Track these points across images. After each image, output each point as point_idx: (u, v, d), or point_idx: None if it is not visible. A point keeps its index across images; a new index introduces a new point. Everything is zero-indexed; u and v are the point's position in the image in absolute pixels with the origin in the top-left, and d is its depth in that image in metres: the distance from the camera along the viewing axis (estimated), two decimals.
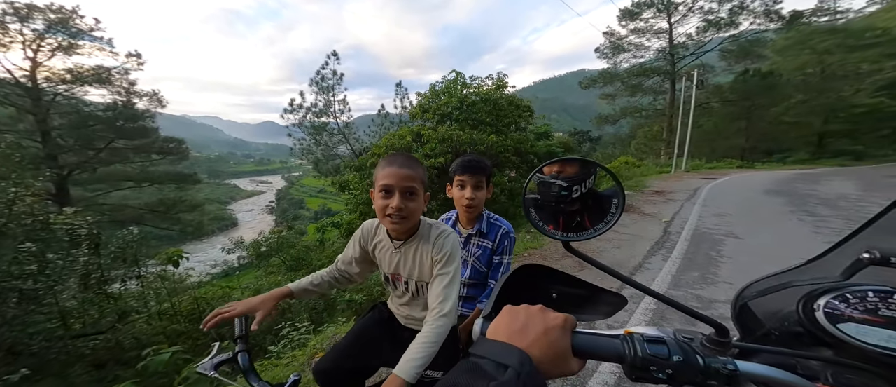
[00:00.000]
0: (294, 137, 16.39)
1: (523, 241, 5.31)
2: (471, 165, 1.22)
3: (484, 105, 9.41)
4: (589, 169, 0.47)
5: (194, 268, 6.32)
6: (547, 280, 0.53)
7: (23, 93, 12.72)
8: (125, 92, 14.85)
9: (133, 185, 15.78)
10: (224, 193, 72.03)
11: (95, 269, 4.34)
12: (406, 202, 0.83)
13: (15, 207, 3.78)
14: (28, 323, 3.32)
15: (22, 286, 3.30)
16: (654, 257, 3.87)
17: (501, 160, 8.74)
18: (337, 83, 16.54)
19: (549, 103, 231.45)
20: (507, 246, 1.25)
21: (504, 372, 0.29)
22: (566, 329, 0.37)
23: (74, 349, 3.59)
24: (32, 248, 3.66)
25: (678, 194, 8.33)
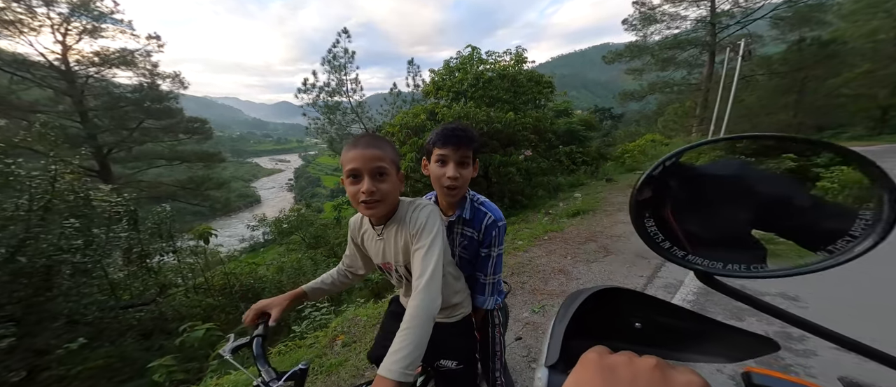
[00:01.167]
0: (308, 117, 16.49)
1: (542, 223, 5.11)
2: (455, 136, 0.95)
3: (501, 82, 8.95)
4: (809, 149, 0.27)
5: (223, 243, 6.73)
6: (627, 305, 0.39)
7: (58, 75, 13.49)
8: (149, 74, 15.47)
9: (165, 163, 16.78)
10: (247, 172, 75.39)
11: (136, 243, 4.70)
12: (377, 185, 0.77)
13: (57, 183, 4.03)
14: (82, 294, 3.69)
15: (72, 260, 3.62)
16: None
17: (519, 138, 8.41)
18: (349, 62, 16.21)
19: (568, 80, 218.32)
20: (495, 237, 1.04)
21: None
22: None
23: (124, 319, 3.98)
24: (76, 223, 3.96)
25: None
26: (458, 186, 0.98)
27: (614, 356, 0.25)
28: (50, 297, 3.42)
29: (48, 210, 3.85)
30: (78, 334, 3.23)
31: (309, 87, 16.20)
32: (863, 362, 0.31)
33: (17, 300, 3.26)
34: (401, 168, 0.85)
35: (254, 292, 4.80)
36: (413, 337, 0.66)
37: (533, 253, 3.78)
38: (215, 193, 17.20)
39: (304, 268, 5.19)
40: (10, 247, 3.32)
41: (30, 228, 3.56)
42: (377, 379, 0.61)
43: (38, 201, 3.77)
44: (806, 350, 1.79)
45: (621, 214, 4.79)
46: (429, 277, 0.74)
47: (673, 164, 0.30)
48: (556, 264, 3.36)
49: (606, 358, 0.25)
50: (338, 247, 6.83)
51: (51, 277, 3.47)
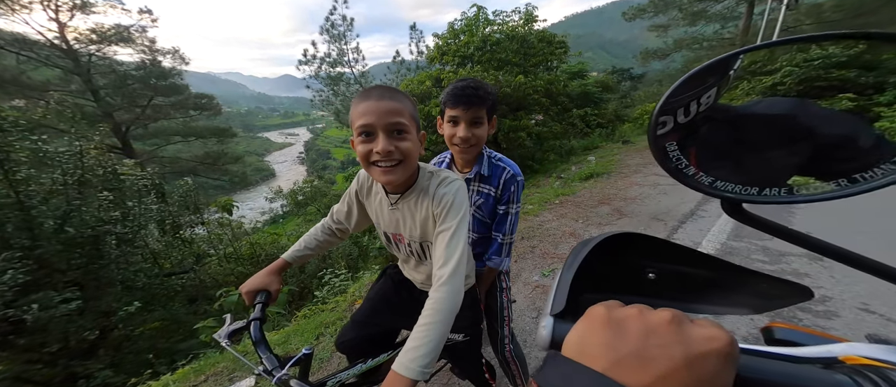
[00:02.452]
0: (312, 89, 16.18)
1: (553, 188, 5.02)
2: (465, 95, 0.91)
3: (510, 43, 8.41)
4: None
5: (245, 215, 7.06)
6: (639, 252, 0.35)
7: (61, 54, 13.54)
8: (148, 50, 15.35)
9: (180, 139, 17.25)
10: (259, 146, 76.26)
11: (167, 216, 5.04)
12: (395, 143, 0.65)
13: (84, 159, 4.21)
14: (130, 263, 4.07)
15: (115, 230, 3.95)
16: (710, 205, 3.40)
17: (529, 102, 8.09)
18: (348, 29, 15.40)
19: (584, 40, 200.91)
20: (513, 193, 1.00)
21: None
22: (730, 358, 0.20)
23: (169, 286, 4.40)
24: (110, 196, 4.24)
25: None
26: (473, 146, 0.96)
27: (624, 309, 0.23)
28: (103, 264, 3.78)
29: (83, 184, 4.11)
30: (133, 298, 3.62)
31: (309, 59, 15.68)
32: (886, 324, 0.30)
33: (75, 267, 3.61)
34: (421, 126, 0.73)
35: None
36: (434, 334, 0.59)
37: (543, 217, 3.75)
38: (232, 167, 17.83)
39: None
40: (56, 218, 3.64)
41: (70, 201, 3.86)
42: (391, 375, 0.55)
43: (72, 176, 4.01)
44: (827, 312, 1.79)
45: (638, 176, 4.69)
46: (454, 267, 0.65)
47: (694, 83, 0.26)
48: (567, 228, 3.34)
49: (615, 311, 0.23)
50: None
51: (99, 247, 3.82)
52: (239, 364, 1.85)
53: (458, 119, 0.94)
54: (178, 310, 3.99)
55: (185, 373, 1.95)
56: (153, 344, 3.48)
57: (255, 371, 0.67)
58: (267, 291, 0.83)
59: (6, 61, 12.01)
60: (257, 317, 0.77)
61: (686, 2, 18.96)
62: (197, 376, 1.89)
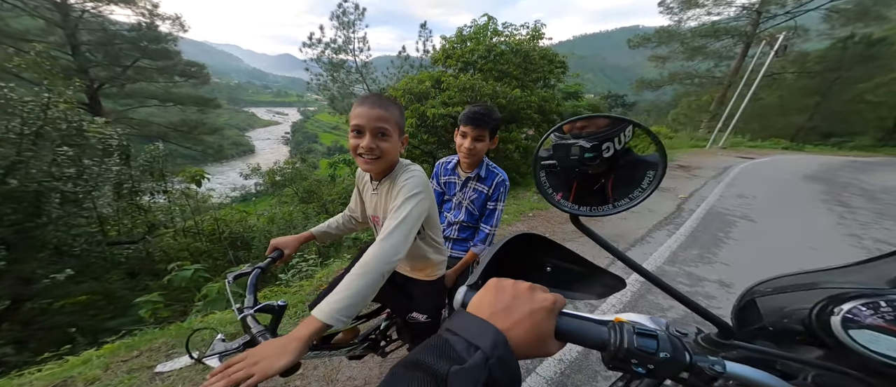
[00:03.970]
0: (311, 72, 15.82)
1: (530, 201, 5.24)
2: (474, 118, 1.22)
3: (513, 56, 8.52)
4: (621, 128, 0.39)
5: (215, 189, 6.73)
6: (542, 252, 0.49)
7: (52, 7, 12.92)
8: (148, 14, 14.89)
9: (158, 103, 16.38)
10: (242, 121, 73.55)
11: (127, 179, 4.70)
12: (377, 142, 0.81)
13: (49, 111, 3.94)
14: (71, 225, 3.71)
15: (63, 188, 3.63)
16: (659, 232, 3.81)
17: (522, 116, 8.20)
18: (358, 19, 15.24)
19: (587, 61, 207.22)
20: (502, 193, 1.32)
21: (473, 353, 0.28)
22: (553, 312, 0.34)
23: (111, 256, 4.03)
24: (69, 152, 3.94)
25: (705, 171, 7.84)
26: (474, 155, 1.27)
27: (506, 281, 0.36)
28: (39, 223, 3.43)
29: (40, 136, 3.80)
30: (65, 265, 3.25)
31: (314, 42, 15.37)
32: None
33: (7, 223, 3.28)
34: (404, 131, 0.89)
35: (243, 240, 4.93)
36: (358, 285, 0.66)
37: (516, 227, 3.93)
38: (208, 137, 17.07)
39: (294, 220, 5.28)
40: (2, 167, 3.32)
41: (21, 152, 3.54)
42: (308, 318, 0.61)
43: (31, 126, 3.71)
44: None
45: None
46: (390, 231, 0.75)
47: (554, 134, 0.42)
48: None
49: (501, 281, 0.36)
50: (329, 204, 6.92)
51: (41, 204, 3.48)
52: (181, 339, 1.83)
53: (466, 134, 1.25)
54: (115, 284, 3.61)
55: (113, 348, 1.79)
56: (73, 320, 3.05)
57: (235, 307, 0.76)
58: (281, 251, 0.98)
59: None
60: (260, 266, 0.90)
61: (689, 36, 20.00)
62: (128, 351, 1.74)
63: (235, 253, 4.54)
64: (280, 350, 0.55)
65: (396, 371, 0.29)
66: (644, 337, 0.34)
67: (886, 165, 10.12)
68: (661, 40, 20.68)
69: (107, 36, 14.12)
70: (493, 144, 1.29)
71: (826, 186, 6.54)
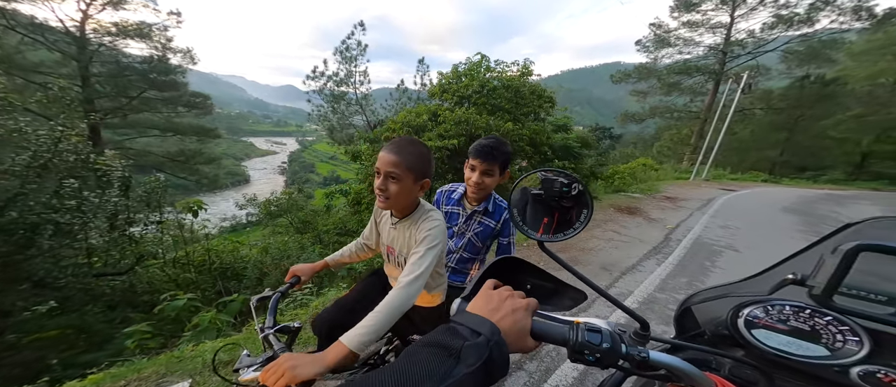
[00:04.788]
0: (313, 103, 16.47)
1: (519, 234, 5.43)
2: (483, 152, 1.20)
3: (505, 92, 9.13)
4: (572, 178, 0.53)
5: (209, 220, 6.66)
6: (523, 272, 0.59)
7: (70, 41, 13.55)
8: (162, 47, 15.46)
9: (158, 133, 16.53)
10: (240, 150, 74.01)
11: (123, 210, 4.68)
12: (387, 184, 0.91)
13: (60, 144, 4.05)
14: (60, 257, 3.61)
15: (59, 220, 3.60)
16: (649, 261, 3.91)
17: (514, 149, 8.59)
18: (360, 54, 16.24)
19: (575, 94, 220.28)
20: (511, 227, 1.31)
21: (477, 337, 0.36)
22: (528, 311, 0.44)
23: (95, 288, 3.86)
24: (74, 184, 3.97)
25: (690, 203, 8.14)
26: (482, 190, 1.25)
27: (492, 290, 0.46)
28: (29, 255, 3.36)
29: (46, 168, 3.86)
30: (46, 297, 3.08)
31: (317, 75, 16.19)
32: None
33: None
34: (427, 175, 0.95)
35: (234, 270, 4.81)
36: (380, 320, 0.77)
37: None
38: (204, 167, 17.08)
39: (289, 251, 5.23)
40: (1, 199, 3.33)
41: (25, 184, 3.57)
42: (338, 343, 0.72)
43: (39, 159, 3.78)
44: None
45: (598, 230, 5.03)
46: (412, 279, 0.86)
47: (541, 173, 0.55)
48: None
49: (489, 290, 0.46)
50: (324, 234, 6.88)
51: (34, 236, 3.43)
52: (171, 369, 1.79)
53: (475, 167, 1.23)
54: (92, 317, 3.38)
55: (98, 379, 1.74)
56: (43, 356, 2.79)
57: (256, 326, 0.85)
58: (299, 277, 1.09)
59: (9, 40, 11.93)
60: (281, 290, 1.01)
61: (665, 73, 21.51)
62: (114, 381, 1.70)
63: (225, 284, 4.41)
64: (311, 362, 0.66)
65: (414, 348, 0.35)
66: (592, 332, 0.43)
67: (861, 199, 10.56)
68: (641, 76, 22.15)
69: (118, 68, 14.61)
70: (504, 178, 1.25)
71: (804, 218, 6.82)
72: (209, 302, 3.29)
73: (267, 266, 4.70)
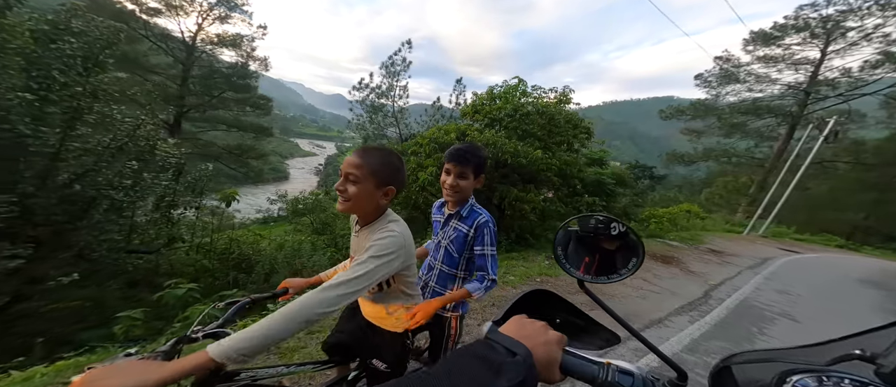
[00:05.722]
0: (354, 112, 17.69)
1: (540, 265, 5.12)
2: (457, 155, 1.23)
3: (538, 118, 8.94)
4: (610, 219, 0.56)
5: (241, 210, 7.25)
6: (553, 306, 0.59)
7: (183, 48, 16.78)
8: (246, 55, 18.40)
9: (225, 128, 18.99)
10: (285, 149, 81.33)
11: (170, 193, 5.27)
12: (345, 185, 0.88)
13: (138, 130, 4.70)
14: (104, 230, 3.99)
15: (115, 196, 4.11)
16: (680, 317, 3.46)
17: (541, 178, 8.26)
18: (404, 70, 17.31)
19: (616, 128, 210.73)
20: (486, 235, 1.23)
21: (513, 356, 0.37)
22: (560, 345, 0.44)
23: (122, 263, 4.16)
24: (135, 166, 4.59)
25: (740, 260, 7.07)
26: (457, 192, 1.24)
27: (526, 319, 0.47)
28: (79, 226, 3.74)
29: (121, 150, 4.51)
30: (79, 268, 3.39)
31: (362, 87, 17.50)
32: None
33: (49, 224, 3.56)
34: (390, 183, 0.91)
35: (249, 263, 5.09)
36: (265, 328, 0.63)
37: (521, 290, 3.75)
38: (253, 162, 19.13)
39: (302, 250, 5.41)
40: (73, 174, 3.93)
41: (98, 162, 4.20)
42: (200, 352, 0.59)
43: (117, 141, 4.44)
44: None
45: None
46: (333, 285, 0.75)
47: (570, 221, 0.60)
48: None
49: (523, 318, 0.47)
50: (340, 239, 7.07)
51: (89, 209, 3.91)
52: None
53: (450, 171, 1.24)
54: (112, 293, 3.67)
55: (63, 366, 1.69)
56: (51, 327, 2.95)
57: (192, 329, 0.78)
58: (287, 289, 1.10)
59: (142, 46, 15.09)
60: (256, 297, 0.99)
61: (727, 112, 19.23)
62: (77, 370, 1.65)
63: (237, 275, 4.66)
64: (138, 374, 0.51)
65: (456, 359, 0.36)
66: (624, 374, 0.43)
67: None
68: (697, 114, 20.16)
69: (210, 71, 17.45)
70: (478, 182, 1.26)
71: (888, 294, 5.56)
72: (217, 291, 3.44)
73: (279, 262, 4.89)
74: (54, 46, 3.62)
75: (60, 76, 3.59)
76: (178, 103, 15.60)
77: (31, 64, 3.43)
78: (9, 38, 3.23)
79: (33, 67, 3.43)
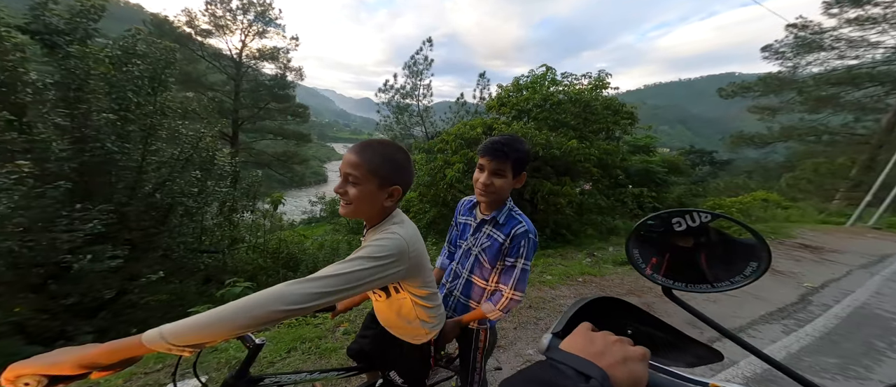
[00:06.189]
0: (381, 114, 18.30)
1: (581, 263, 4.71)
2: (493, 148, 1.04)
3: (572, 106, 8.33)
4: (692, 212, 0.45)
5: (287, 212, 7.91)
6: (623, 315, 0.51)
7: (232, 65, 18.79)
8: (283, 66, 20.00)
9: (271, 137, 20.99)
10: (323, 154, 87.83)
11: (230, 198, 5.91)
12: (345, 186, 0.81)
13: (200, 143, 5.32)
14: (182, 234, 4.67)
15: (187, 203, 4.73)
16: (770, 327, 2.90)
17: (578, 169, 7.68)
18: (426, 68, 17.50)
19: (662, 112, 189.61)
20: (523, 248, 1.04)
21: (585, 381, 0.30)
22: (644, 362, 0.37)
23: (196, 262, 4.79)
24: (199, 175, 5.19)
25: (847, 256, 5.76)
26: (491, 193, 1.06)
27: (595, 331, 0.39)
28: (162, 230, 4.38)
29: (188, 161, 5.14)
30: (162, 267, 4.00)
31: (387, 89, 18.02)
32: None
33: (139, 229, 4.20)
34: (394, 182, 0.82)
35: (295, 261, 5.52)
36: (213, 318, 0.55)
37: (560, 291, 3.49)
38: (297, 167, 20.84)
39: (339, 249, 5.71)
40: (155, 184, 4.57)
41: (172, 173, 4.84)
42: (134, 336, 0.54)
43: (185, 153, 5.07)
44: None
45: None
46: (313, 278, 0.64)
47: (652, 219, 0.48)
48: None
49: (588, 330, 0.39)
50: None
51: (168, 215, 4.54)
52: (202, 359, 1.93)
53: (483, 167, 1.07)
54: (190, 288, 4.24)
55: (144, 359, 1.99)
56: (147, 317, 3.45)
57: None
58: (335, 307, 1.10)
59: (200, 66, 17.21)
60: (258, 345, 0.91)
61: (812, 84, 16.21)
62: (156, 363, 1.87)
63: (286, 273, 5.05)
64: (65, 354, 0.51)
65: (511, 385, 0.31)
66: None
67: None
68: (768, 89, 17.13)
69: (255, 85, 19.37)
70: (518, 182, 1.08)
71: None
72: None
73: (320, 261, 5.19)
74: (126, 69, 4.18)
75: (134, 96, 4.16)
76: (233, 116, 17.52)
77: (112, 87, 4.02)
78: (94, 65, 3.82)
79: (113, 90, 4.02)
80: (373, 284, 0.73)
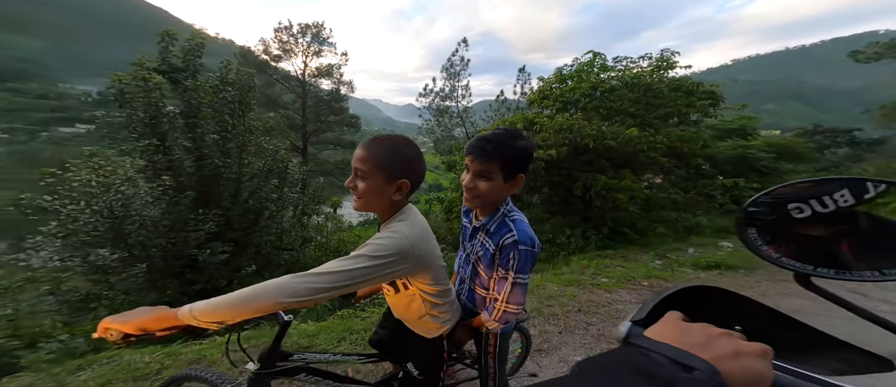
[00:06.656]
0: (423, 118, 18.97)
1: (648, 266, 4.14)
2: (477, 147, 0.91)
3: (628, 92, 7.43)
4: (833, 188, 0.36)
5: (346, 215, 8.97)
6: (729, 308, 0.43)
7: (298, 84, 21.71)
8: (337, 81, 22.43)
9: (332, 147, 23.64)
10: None
11: (300, 203, 6.96)
12: (354, 181, 0.83)
13: (278, 155, 6.40)
14: (268, 233, 5.70)
15: (271, 208, 5.75)
16: None
17: (640, 160, 6.81)
18: (463, 69, 17.60)
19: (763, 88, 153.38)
20: (512, 260, 0.91)
21: (689, 372, 0.25)
22: (766, 360, 0.29)
23: (278, 258, 5.78)
24: (276, 182, 6.23)
25: None
26: (475, 196, 0.95)
27: (687, 321, 0.32)
28: (255, 231, 5.39)
29: (270, 171, 6.24)
30: (255, 261, 4.97)
31: (428, 92, 18.61)
32: None
33: (240, 229, 5.23)
34: (402, 176, 0.82)
35: None
36: (233, 300, 0.65)
37: (618, 295, 3.14)
38: None
39: None
40: (249, 192, 5.66)
41: (260, 182, 5.94)
42: (170, 312, 0.66)
43: (267, 165, 6.16)
44: None
45: (790, 284, 3.15)
46: (317, 272, 0.68)
47: (778, 192, 0.40)
48: None
49: (682, 320, 0.32)
50: None
51: (258, 218, 5.57)
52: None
53: (468, 167, 0.96)
54: None
55: (261, 333, 2.25)
56: None
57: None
58: (356, 292, 1.12)
59: (276, 88, 20.22)
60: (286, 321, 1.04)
61: None
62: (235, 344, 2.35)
63: None
64: (137, 314, 0.66)
65: (595, 375, 0.26)
66: None
67: None
68: None
69: (317, 100, 22.00)
70: (513, 186, 0.94)
71: None
72: None
73: None
74: (221, 95, 5.21)
75: (230, 118, 5.22)
76: (302, 130, 20.20)
77: (214, 112, 5.11)
78: (203, 95, 4.93)
79: (215, 114, 5.11)
80: (373, 282, 0.75)
